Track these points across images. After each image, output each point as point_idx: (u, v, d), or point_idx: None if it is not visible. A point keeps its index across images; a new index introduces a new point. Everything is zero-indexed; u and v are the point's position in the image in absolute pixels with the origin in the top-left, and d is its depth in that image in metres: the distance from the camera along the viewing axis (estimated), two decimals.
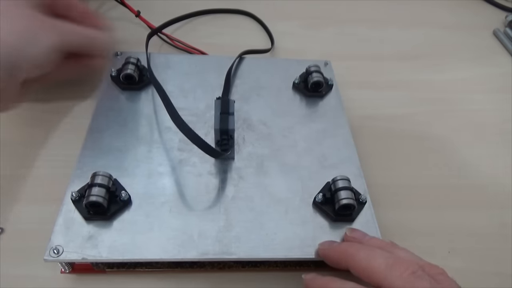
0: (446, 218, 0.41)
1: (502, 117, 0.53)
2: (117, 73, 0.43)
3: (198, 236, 0.32)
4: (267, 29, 0.59)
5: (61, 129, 0.43)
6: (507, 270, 0.38)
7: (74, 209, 0.32)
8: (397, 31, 0.64)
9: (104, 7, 0.60)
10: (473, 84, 0.57)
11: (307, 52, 0.58)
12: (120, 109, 0.41)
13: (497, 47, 0.64)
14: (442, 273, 0.28)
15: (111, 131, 0.39)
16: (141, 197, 0.34)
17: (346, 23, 0.64)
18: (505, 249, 0.40)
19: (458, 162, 0.47)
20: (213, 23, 0.61)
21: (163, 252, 0.30)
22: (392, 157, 0.46)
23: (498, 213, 0.42)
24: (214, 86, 0.44)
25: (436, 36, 0.64)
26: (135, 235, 0.31)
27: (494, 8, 0.72)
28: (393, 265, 0.28)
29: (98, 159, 0.36)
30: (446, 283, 0.27)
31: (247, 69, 0.47)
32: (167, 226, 0.32)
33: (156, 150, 0.38)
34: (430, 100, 0.54)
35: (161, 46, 0.55)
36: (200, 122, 0.41)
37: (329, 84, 0.46)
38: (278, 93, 0.45)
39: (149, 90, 0.43)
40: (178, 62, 0.47)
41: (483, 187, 0.45)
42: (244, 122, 0.41)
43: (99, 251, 0.30)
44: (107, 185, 0.32)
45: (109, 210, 0.32)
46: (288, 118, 0.42)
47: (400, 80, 0.56)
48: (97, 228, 0.31)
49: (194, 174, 0.36)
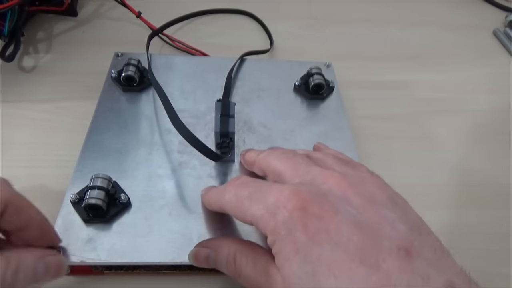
0: (446, 218, 0.41)
1: (502, 117, 0.53)
2: (117, 74, 0.43)
3: (197, 239, 0.31)
4: (267, 29, 0.59)
5: (61, 129, 0.43)
6: (507, 270, 0.38)
7: (73, 212, 0.32)
8: (397, 31, 0.64)
9: (104, 7, 0.60)
10: (473, 84, 0.57)
11: (307, 52, 0.58)
12: (120, 110, 0.41)
13: (497, 47, 0.64)
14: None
15: (111, 133, 0.38)
16: (141, 200, 0.34)
17: (346, 23, 0.64)
18: (505, 249, 0.40)
19: (458, 162, 0.47)
20: (214, 23, 0.61)
21: (163, 255, 0.30)
22: (391, 157, 0.46)
23: (498, 213, 0.42)
24: (215, 87, 0.44)
25: (436, 36, 0.64)
26: (135, 238, 0.31)
27: (494, 8, 0.72)
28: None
29: (98, 161, 0.36)
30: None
31: (248, 71, 0.47)
32: (167, 229, 0.32)
33: (156, 152, 0.38)
34: (430, 100, 0.54)
35: (162, 46, 0.55)
36: (201, 124, 0.41)
37: (330, 87, 0.46)
38: (279, 95, 0.45)
39: (149, 91, 0.43)
40: (179, 64, 0.47)
41: (483, 187, 0.45)
42: (245, 124, 0.41)
43: (98, 254, 0.30)
44: (106, 187, 0.32)
45: (108, 212, 0.31)
46: (289, 121, 0.42)
47: (400, 80, 0.56)
48: (96, 231, 0.31)
49: (194, 176, 0.36)
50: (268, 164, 0.31)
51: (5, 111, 0.44)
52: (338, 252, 0.22)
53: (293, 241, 0.23)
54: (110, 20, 0.58)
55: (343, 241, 0.23)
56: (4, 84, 0.47)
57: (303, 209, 0.24)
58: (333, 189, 0.26)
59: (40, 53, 0.52)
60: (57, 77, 0.49)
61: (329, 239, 0.23)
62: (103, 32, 0.56)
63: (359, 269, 0.21)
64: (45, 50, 0.52)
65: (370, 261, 0.22)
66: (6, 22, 0.46)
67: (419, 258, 0.22)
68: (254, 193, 0.26)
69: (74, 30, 0.56)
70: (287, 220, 0.24)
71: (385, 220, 0.24)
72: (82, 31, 0.56)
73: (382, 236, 0.23)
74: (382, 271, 0.21)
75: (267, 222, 0.24)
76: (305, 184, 0.27)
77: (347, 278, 0.21)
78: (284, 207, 0.24)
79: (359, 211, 0.24)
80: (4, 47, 0.48)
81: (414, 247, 0.23)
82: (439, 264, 0.23)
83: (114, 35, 0.56)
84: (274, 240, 0.24)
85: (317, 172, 0.27)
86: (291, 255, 0.23)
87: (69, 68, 0.50)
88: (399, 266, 0.22)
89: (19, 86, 0.47)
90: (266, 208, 0.25)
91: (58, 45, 0.53)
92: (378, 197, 0.26)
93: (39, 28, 0.55)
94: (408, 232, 0.24)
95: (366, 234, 0.23)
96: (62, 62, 0.51)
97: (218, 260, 0.28)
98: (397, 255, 0.22)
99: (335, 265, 0.22)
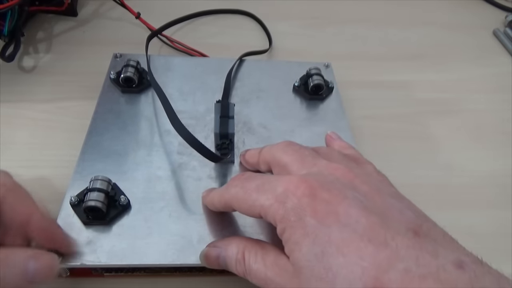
0: (446, 218, 0.41)
1: (502, 117, 0.53)
2: (116, 75, 0.43)
3: (197, 241, 0.31)
4: (266, 29, 0.59)
5: (61, 129, 0.43)
6: (507, 270, 0.38)
7: (73, 214, 0.32)
8: (397, 31, 0.64)
9: (103, 8, 0.60)
10: (473, 84, 0.57)
11: (307, 52, 0.58)
12: (120, 112, 0.41)
13: (497, 47, 0.64)
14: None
15: (110, 134, 0.38)
16: (141, 202, 0.34)
17: (346, 23, 0.64)
18: (505, 249, 0.40)
19: (458, 162, 0.47)
20: (213, 23, 0.60)
21: (162, 257, 0.30)
22: (391, 157, 0.46)
23: (498, 213, 0.42)
24: (214, 88, 0.44)
25: (436, 36, 0.64)
26: (134, 240, 0.31)
27: (494, 8, 0.72)
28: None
29: (97, 162, 0.36)
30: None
31: (247, 72, 0.47)
32: (167, 231, 0.32)
33: (155, 153, 0.37)
34: (430, 100, 0.54)
35: (161, 47, 0.55)
36: (200, 125, 0.41)
37: (330, 87, 0.46)
38: (278, 96, 0.45)
39: (148, 93, 0.43)
40: (178, 65, 0.47)
41: (483, 187, 0.45)
42: (244, 125, 0.41)
43: (98, 256, 0.30)
44: (106, 189, 0.32)
45: (108, 215, 0.31)
46: (288, 121, 0.42)
47: (400, 80, 0.56)
48: (96, 233, 0.31)
49: (194, 178, 0.36)
50: (273, 156, 0.31)
51: (5, 111, 0.44)
52: (346, 233, 0.23)
53: (302, 225, 0.24)
54: (110, 20, 0.58)
55: (352, 222, 0.23)
56: (4, 84, 0.47)
57: (312, 195, 0.24)
58: (340, 178, 0.26)
59: (40, 53, 0.52)
60: (57, 77, 0.49)
61: (337, 221, 0.23)
62: (103, 32, 0.56)
63: (368, 247, 0.22)
64: (45, 50, 0.52)
65: (379, 240, 0.22)
66: (6, 22, 0.46)
67: (427, 238, 0.23)
68: (262, 185, 0.27)
69: (74, 30, 0.56)
70: (296, 207, 0.24)
71: (392, 207, 0.25)
72: (82, 31, 0.56)
73: (390, 219, 0.24)
74: (391, 248, 0.22)
75: (277, 211, 0.25)
76: (312, 174, 0.27)
77: (356, 256, 0.22)
78: (294, 194, 0.25)
79: (366, 198, 0.25)
80: (4, 47, 0.48)
81: (422, 230, 0.23)
82: (448, 245, 0.23)
83: (115, 35, 0.56)
84: (284, 227, 0.24)
85: (324, 165, 0.28)
86: (301, 239, 0.23)
87: (69, 68, 0.50)
88: (407, 243, 0.22)
89: (19, 86, 0.47)
90: (275, 198, 0.25)
91: (58, 45, 0.53)
92: (384, 188, 0.27)
93: (39, 28, 0.55)
94: (415, 218, 0.25)
95: (374, 216, 0.23)
96: (62, 62, 0.51)
97: (228, 259, 0.28)
98: (405, 234, 0.23)
99: (343, 244, 0.22)
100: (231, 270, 0.28)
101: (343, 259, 0.22)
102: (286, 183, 0.25)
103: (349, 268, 0.22)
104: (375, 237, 0.22)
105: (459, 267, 0.21)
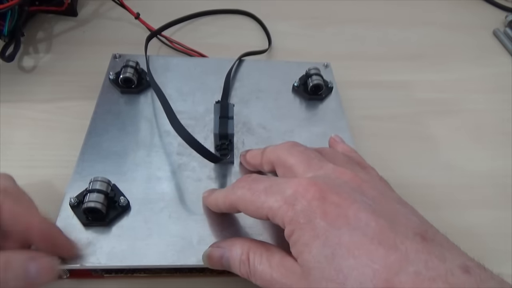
0: (446, 218, 0.41)
1: (502, 117, 0.53)
2: (115, 76, 0.43)
3: (197, 242, 0.31)
4: (265, 29, 0.59)
5: (61, 129, 0.43)
6: (507, 270, 0.38)
7: (72, 215, 0.32)
8: (396, 31, 0.64)
9: (103, 8, 0.60)
10: (473, 84, 0.57)
11: (307, 52, 0.58)
12: (119, 112, 0.41)
13: (497, 47, 0.64)
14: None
15: (109, 135, 0.38)
16: (140, 203, 0.33)
17: (346, 23, 0.64)
18: (505, 249, 0.40)
19: (457, 162, 0.47)
20: (213, 23, 0.60)
21: (162, 258, 0.30)
22: (391, 157, 0.46)
23: (498, 213, 0.42)
24: (214, 89, 0.44)
25: (436, 36, 0.64)
26: (134, 241, 0.31)
27: (494, 8, 0.72)
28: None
29: (97, 163, 0.36)
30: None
31: (246, 72, 0.47)
32: (166, 231, 0.32)
33: (155, 154, 0.37)
34: (430, 100, 0.54)
35: (160, 48, 0.55)
36: (199, 125, 0.40)
37: (329, 87, 0.46)
38: (277, 96, 0.45)
39: (148, 93, 0.43)
40: (177, 65, 0.47)
41: (482, 187, 0.45)
42: (244, 126, 0.41)
43: (98, 258, 0.30)
44: (105, 190, 0.32)
45: (107, 216, 0.31)
46: (287, 122, 0.42)
47: (400, 80, 0.56)
48: (96, 234, 0.31)
49: (194, 179, 0.36)
50: (278, 157, 0.31)
51: (5, 111, 0.44)
52: (357, 236, 0.23)
53: (312, 227, 0.24)
54: (110, 21, 0.58)
55: (361, 225, 0.23)
56: (4, 84, 0.47)
57: (322, 198, 0.25)
58: (349, 182, 0.27)
59: (40, 53, 0.52)
60: (57, 77, 0.49)
61: (348, 224, 0.23)
62: (103, 32, 0.56)
63: (378, 250, 0.22)
64: (45, 50, 0.52)
65: (388, 243, 0.22)
66: (6, 22, 0.46)
67: (434, 243, 0.23)
68: (270, 187, 0.27)
69: (74, 30, 0.56)
70: (306, 209, 0.24)
71: (398, 212, 0.25)
72: (82, 31, 0.56)
73: (397, 223, 0.24)
74: (400, 251, 0.22)
75: (286, 213, 0.25)
76: (320, 177, 0.27)
77: (367, 258, 0.22)
78: (303, 197, 0.25)
79: (374, 202, 0.25)
80: (4, 47, 0.48)
81: (428, 235, 0.24)
82: (453, 250, 0.24)
83: (114, 35, 0.56)
84: (293, 229, 0.25)
85: (330, 168, 0.28)
86: (311, 241, 0.24)
87: (69, 68, 0.50)
88: (416, 247, 0.22)
89: (19, 86, 0.47)
90: (284, 200, 0.25)
91: (58, 45, 0.53)
92: (389, 193, 0.28)
93: (39, 28, 0.55)
94: (420, 223, 0.25)
95: (383, 220, 0.24)
96: (62, 62, 0.51)
97: (232, 260, 0.28)
98: (413, 239, 0.23)
99: (354, 247, 0.23)
100: (234, 271, 0.28)
101: (354, 261, 0.22)
102: (296, 185, 0.26)
103: (360, 269, 0.22)
104: (385, 241, 0.23)
105: (466, 271, 0.22)
